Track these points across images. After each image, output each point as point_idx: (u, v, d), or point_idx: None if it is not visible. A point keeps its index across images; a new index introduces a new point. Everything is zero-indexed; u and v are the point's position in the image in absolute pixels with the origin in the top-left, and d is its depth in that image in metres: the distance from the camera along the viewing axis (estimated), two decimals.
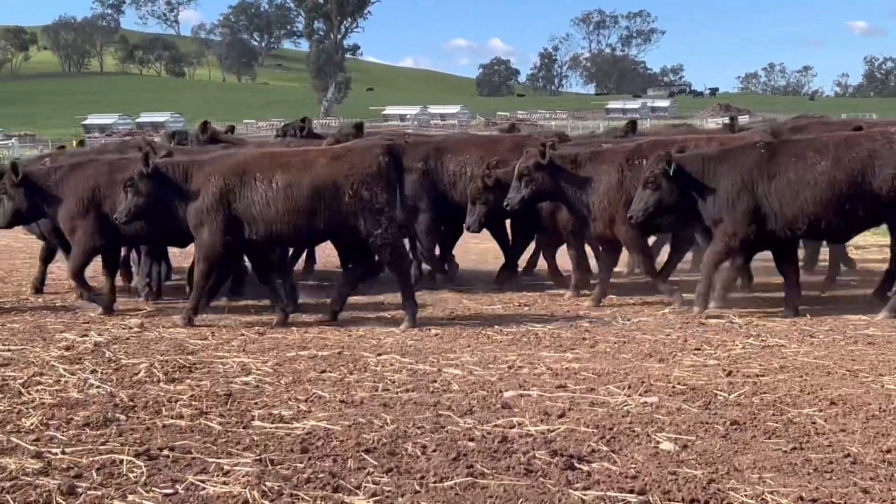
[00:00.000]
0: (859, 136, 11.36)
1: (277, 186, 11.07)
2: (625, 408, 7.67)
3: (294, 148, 13.18)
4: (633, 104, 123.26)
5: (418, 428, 7.20)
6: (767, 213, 11.11)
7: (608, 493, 5.82)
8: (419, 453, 6.62)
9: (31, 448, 6.80)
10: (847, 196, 10.90)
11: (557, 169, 12.16)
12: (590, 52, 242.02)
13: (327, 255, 15.95)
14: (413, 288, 11.70)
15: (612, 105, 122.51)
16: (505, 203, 12.38)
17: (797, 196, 10.97)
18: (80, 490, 5.98)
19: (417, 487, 5.96)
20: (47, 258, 14.50)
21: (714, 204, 11.25)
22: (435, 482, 6.03)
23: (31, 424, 7.39)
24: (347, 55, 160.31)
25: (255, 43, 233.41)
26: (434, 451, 6.65)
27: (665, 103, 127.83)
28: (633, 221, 11.56)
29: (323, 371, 9.13)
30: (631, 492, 5.84)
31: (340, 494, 5.88)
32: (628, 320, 11.48)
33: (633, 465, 6.34)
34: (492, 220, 13.67)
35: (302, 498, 5.81)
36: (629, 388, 8.26)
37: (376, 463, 6.41)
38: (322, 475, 6.17)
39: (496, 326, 11.24)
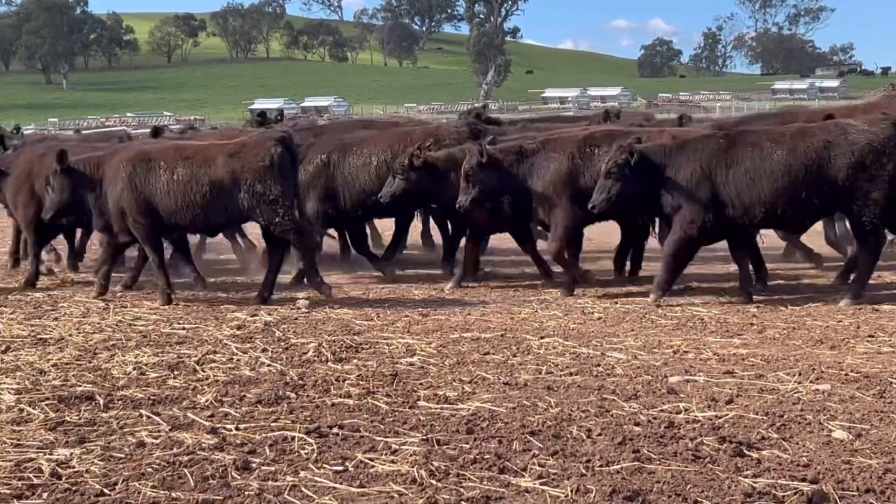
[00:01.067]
0: (815, 126, 11.44)
1: (179, 178, 11.81)
2: (795, 395, 7.51)
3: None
4: (801, 84, 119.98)
5: (583, 411, 7.19)
6: (725, 202, 11.11)
7: (779, 481, 5.71)
8: (584, 437, 6.60)
9: (207, 424, 7.03)
10: (803, 186, 10.90)
11: (500, 164, 12.21)
12: (755, 32, 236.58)
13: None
14: (315, 266, 12.28)
15: (779, 85, 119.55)
16: (457, 205, 12.44)
17: (754, 185, 11.00)
18: (253, 465, 6.17)
19: (583, 470, 5.95)
20: None
21: (673, 193, 11.23)
22: (601, 466, 6.01)
23: (206, 401, 7.64)
24: (507, 38, 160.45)
25: (416, 27, 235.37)
26: (599, 434, 6.63)
27: (834, 83, 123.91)
28: (595, 211, 11.54)
29: (486, 353, 9.18)
30: (803, 480, 5.71)
31: (506, 476, 5.91)
32: (798, 306, 11.21)
33: (805, 454, 6.20)
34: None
35: (468, 478, 5.87)
36: (800, 374, 8.07)
37: (542, 445, 6.43)
38: (488, 456, 6.21)
39: (660, 311, 11.12)
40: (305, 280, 12.56)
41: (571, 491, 5.60)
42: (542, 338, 9.75)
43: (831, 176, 10.84)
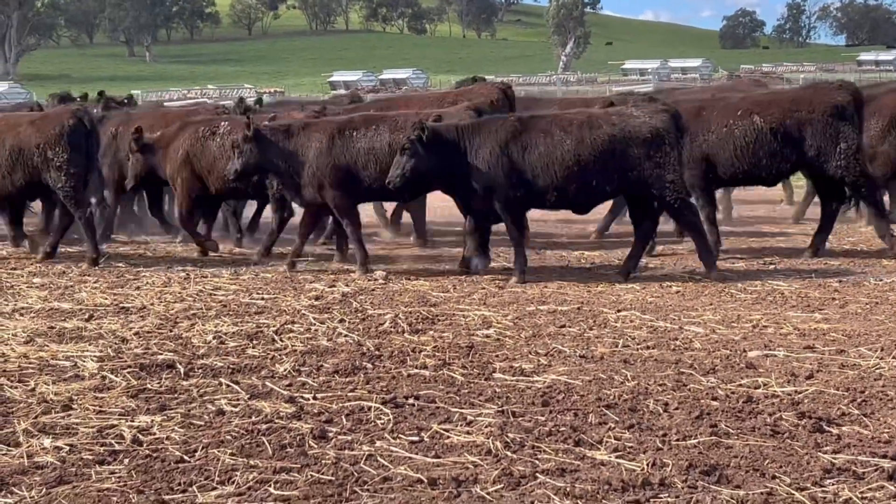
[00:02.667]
0: (601, 113, 11.78)
1: None
2: (877, 371, 7.39)
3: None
4: (887, 55, 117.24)
5: (660, 385, 7.14)
6: (519, 184, 11.34)
7: (859, 458, 5.62)
8: (661, 410, 6.56)
9: (285, 393, 7.11)
10: (590, 170, 11.21)
11: (266, 140, 12.42)
12: (840, 2, 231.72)
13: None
14: (94, 231, 13.30)
15: (864, 57, 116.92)
16: (226, 173, 12.92)
17: (546, 169, 11.26)
18: (330, 434, 6.22)
19: (660, 444, 5.91)
20: None
21: (468, 174, 11.39)
22: (678, 440, 5.97)
23: (284, 370, 7.72)
24: (587, 9, 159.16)
25: None
26: (676, 408, 6.59)
27: None
28: (391, 186, 11.56)
29: (562, 326, 9.15)
30: (884, 457, 5.62)
31: (582, 448, 5.89)
32: (881, 280, 11.02)
33: (887, 430, 6.10)
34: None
35: (543, 450, 5.86)
36: (882, 350, 7.94)
37: (617, 419, 6.40)
38: (563, 429, 6.21)
39: (739, 284, 10.99)
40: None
41: (647, 464, 5.57)
42: (618, 311, 9.70)
43: (618, 162, 11.19)
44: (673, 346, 8.36)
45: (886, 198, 14.25)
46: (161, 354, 8.24)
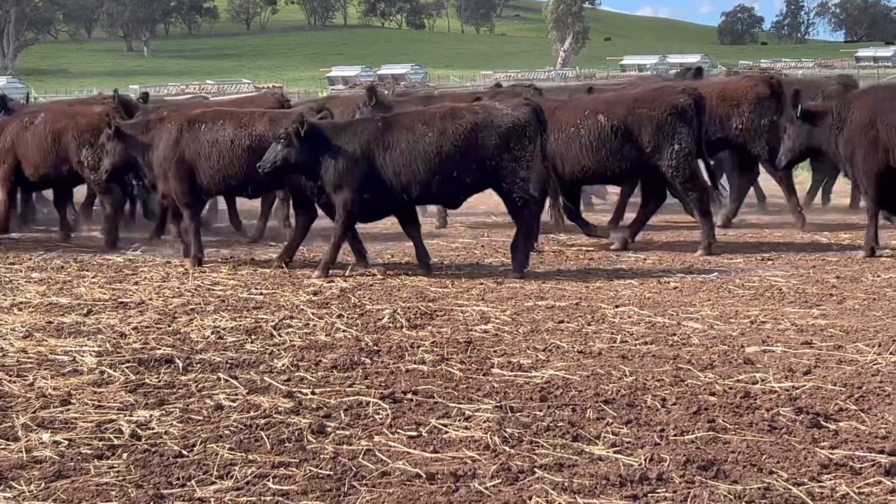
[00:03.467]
0: (465, 106, 12.02)
1: None
2: (875, 366, 7.40)
3: None
4: (885, 52, 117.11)
5: (657, 381, 7.15)
6: (384, 181, 11.53)
7: (857, 453, 5.63)
8: (659, 406, 6.58)
9: (283, 388, 7.12)
10: (453, 165, 11.34)
11: (124, 135, 12.81)
12: None
13: None
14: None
15: (863, 53, 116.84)
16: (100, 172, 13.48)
17: (409, 165, 11.42)
18: (329, 429, 6.23)
19: (657, 440, 5.92)
20: None
21: (335, 170, 11.62)
22: (675, 435, 5.98)
23: (283, 365, 7.73)
24: (586, 4, 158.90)
25: None
26: (674, 404, 6.60)
27: None
28: (261, 171, 11.76)
29: (561, 321, 9.17)
30: (881, 452, 5.63)
31: (580, 444, 5.90)
32: (878, 276, 11.03)
33: (884, 426, 6.10)
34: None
35: (542, 445, 5.87)
36: (879, 346, 7.94)
37: (615, 414, 6.41)
38: (561, 424, 6.22)
39: (737, 280, 11.01)
40: None
41: (645, 460, 5.58)
42: (617, 306, 9.71)
43: (479, 156, 11.29)
44: (671, 341, 8.37)
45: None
46: (159, 349, 8.25)
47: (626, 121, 12.97)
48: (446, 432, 6.14)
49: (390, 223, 12.88)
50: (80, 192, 16.38)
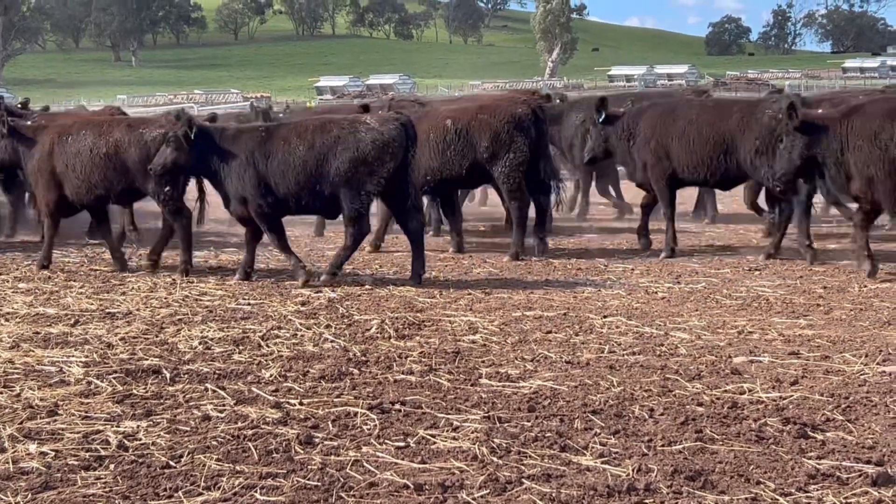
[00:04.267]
0: (337, 119, 12.25)
1: None
2: (861, 377, 7.42)
3: None
4: (872, 63, 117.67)
5: (645, 391, 7.16)
6: (267, 189, 11.76)
7: (843, 463, 5.65)
8: (646, 416, 6.58)
9: (271, 398, 7.10)
10: (317, 177, 11.60)
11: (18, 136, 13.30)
12: (826, 9, 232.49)
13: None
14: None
15: (849, 64, 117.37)
16: None
17: (284, 175, 11.68)
18: (317, 440, 6.22)
19: (645, 450, 5.93)
20: None
21: (226, 177, 11.94)
22: (663, 445, 5.99)
23: (271, 376, 7.72)
24: (574, 15, 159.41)
25: (482, 4, 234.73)
26: (662, 414, 6.61)
27: None
28: (151, 172, 12.14)
29: (549, 332, 9.18)
30: (868, 462, 5.65)
31: (567, 454, 5.91)
32: (865, 287, 11.07)
33: (871, 436, 6.13)
34: None
35: (529, 455, 5.87)
36: (866, 356, 7.97)
37: (603, 424, 6.42)
38: (549, 434, 6.22)
39: (724, 291, 11.04)
40: None
41: (633, 470, 5.59)
42: (604, 317, 9.72)
43: (337, 169, 11.50)
44: (658, 351, 8.39)
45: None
46: (147, 360, 8.23)
47: (469, 128, 13.70)
48: (434, 443, 6.14)
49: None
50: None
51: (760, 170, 12.89)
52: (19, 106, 19.30)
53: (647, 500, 5.22)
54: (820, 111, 12.28)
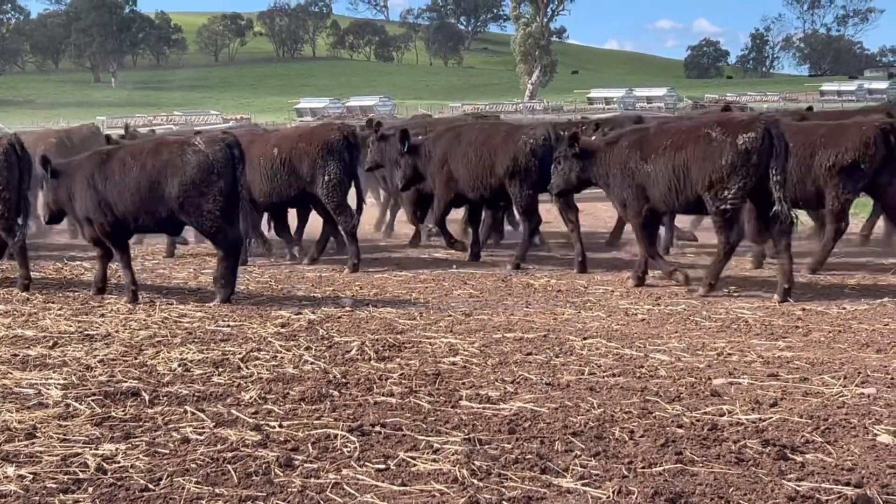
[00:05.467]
0: (164, 142, 12.76)
1: None
2: (840, 399, 7.45)
3: None
4: (849, 86, 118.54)
5: (625, 413, 7.17)
6: (109, 211, 12.20)
7: (823, 485, 5.67)
8: (627, 438, 6.59)
9: (251, 420, 7.08)
10: (151, 199, 12.04)
11: None
12: (803, 33, 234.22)
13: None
14: None
15: (827, 87, 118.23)
16: None
17: (123, 196, 12.11)
18: (296, 462, 6.20)
19: (625, 472, 5.93)
20: None
21: (81, 202, 12.43)
22: (643, 467, 6.00)
23: (250, 398, 7.69)
24: (553, 38, 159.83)
25: (462, 27, 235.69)
26: (642, 436, 6.61)
27: (883, 85, 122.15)
28: None
29: (529, 353, 9.17)
30: (847, 484, 5.67)
31: (548, 476, 5.90)
32: (843, 308, 11.12)
33: (850, 458, 6.15)
34: None
35: (510, 478, 5.87)
36: (845, 378, 8.00)
37: (584, 446, 6.42)
38: (530, 456, 6.21)
39: (704, 312, 11.07)
40: None
41: (613, 492, 5.59)
42: (585, 339, 9.73)
43: (169, 190, 11.89)
44: (639, 373, 8.40)
45: None
46: (126, 382, 8.19)
47: (291, 154, 15.07)
48: (414, 465, 6.13)
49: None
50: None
51: (513, 190, 14.74)
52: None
53: None
54: (593, 139, 14.16)
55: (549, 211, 16.38)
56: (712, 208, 11.91)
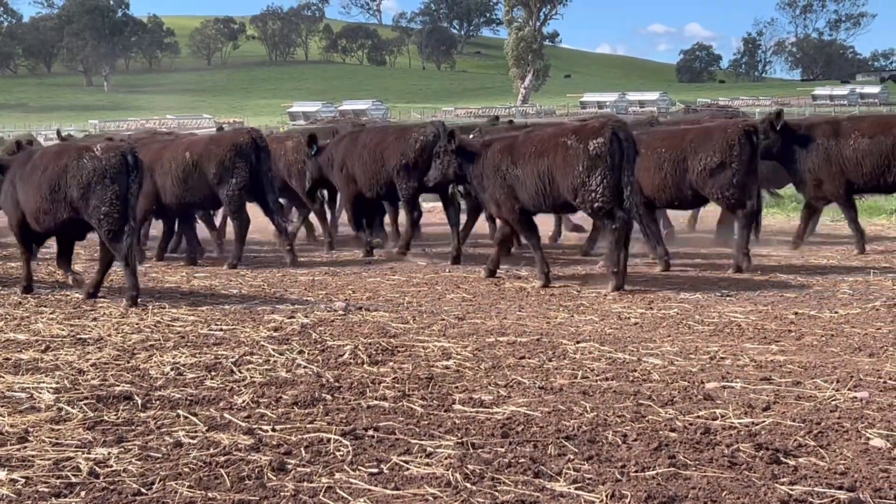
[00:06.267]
0: (73, 146, 13.22)
1: None
2: (833, 402, 7.45)
3: None
4: (841, 90, 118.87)
5: (618, 416, 7.17)
6: (24, 214, 12.81)
7: (816, 489, 5.67)
8: (620, 442, 6.59)
9: (243, 425, 7.06)
10: (53, 201, 12.44)
11: None
12: (795, 37, 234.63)
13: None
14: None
15: (819, 91, 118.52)
16: None
17: (30, 199, 12.62)
18: (289, 466, 6.19)
19: (619, 476, 5.93)
20: None
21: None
22: (636, 471, 5.99)
23: (243, 402, 7.68)
24: (546, 42, 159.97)
25: (455, 31, 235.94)
26: (635, 440, 6.61)
27: (875, 89, 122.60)
28: None
29: (522, 357, 9.17)
30: (840, 488, 5.67)
31: (541, 480, 5.90)
32: (836, 312, 11.14)
33: (843, 462, 6.15)
34: None
35: (503, 482, 5.86)
36: (837, 382, 8.01)
37: (577, 450, 6.41)
38: (523, 460, 6.21)
39: (697, 316, 11.08)
40: None
41: (606, 496, 5.59)
42: (578, 342, 9.73)
43: (69, 194, 12.33)
44: (631, 377, 8.40)
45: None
46: (118, 386, 8.17)
47: (202, 157, 15.71)
48: (408, 469, 6.12)
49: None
50: None
51: (401, 184, 16.11)
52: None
53: None
54: (472, 139, 15.19)
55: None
56: (587, 211, 13.02)
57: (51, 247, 16.68)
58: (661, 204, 15.33)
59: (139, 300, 12.22)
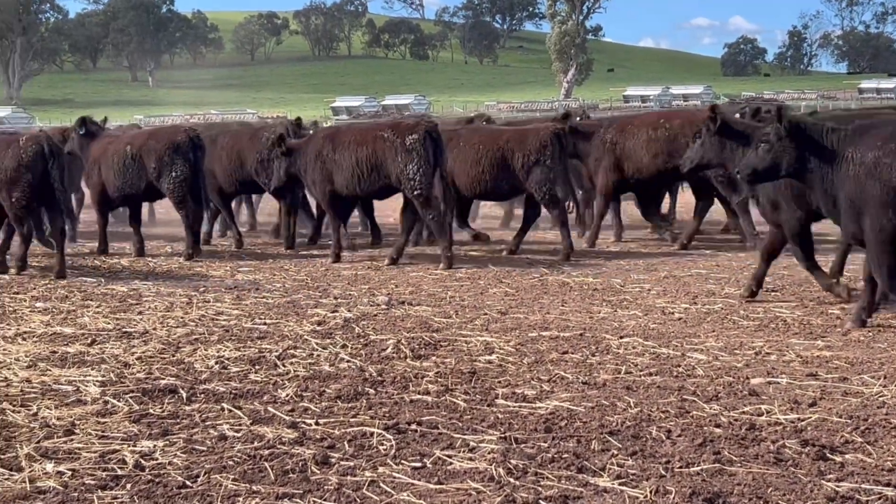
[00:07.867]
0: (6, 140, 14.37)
1: None
2: (880, 398, 7.37)
3: None
4: (888, 83, 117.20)
5: (663, 412, 7.13)
6: None
7: (863, 486, 5.61)
8: (664, 437, 6.55)
9: (287, 418, 7.09)
10: None
11: None
12: (841, 30, 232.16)
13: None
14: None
15: (866, 84, 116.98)
16: None
17: None
18: (333, 460, 6.21)
19: (663, 472, 5.90)
20: None
21: None
22: (681, 467, 5.96)
23: (287, 396, 7.71)
24: (589, 36, 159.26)
25: (497, 25, 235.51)
26: (679, 435, 6.58)
27: None
28: None
29: (565, 352, 9.15)
30: (888, 485, 5.61)
31: (585, 475, 5.88)
32: (883, 308, 11.00)
33: (890, 458, 6.08)
34: None
35: (547, 477, 5.85)
36: (885, 378, 7.92)
37: (620, 445, 6.39)
38: (566, 455, 6.20)
39: (742, 312, 11.00)
40: None
41: (651, 492, 5.56)
42: (621, 337, 9.69)
43: None
44: (675, 372, 8.35)
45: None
46: (163, 379, 8.24)
47: (140, 151, 16.35)
48: (451, 463, 6.13)
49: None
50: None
51: (261, 176, 17.40)
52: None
53: None
54: (301, 139, 16.51)
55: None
56: (410, 196, 14.70)
57: (93, 239, 16.87)
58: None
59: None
